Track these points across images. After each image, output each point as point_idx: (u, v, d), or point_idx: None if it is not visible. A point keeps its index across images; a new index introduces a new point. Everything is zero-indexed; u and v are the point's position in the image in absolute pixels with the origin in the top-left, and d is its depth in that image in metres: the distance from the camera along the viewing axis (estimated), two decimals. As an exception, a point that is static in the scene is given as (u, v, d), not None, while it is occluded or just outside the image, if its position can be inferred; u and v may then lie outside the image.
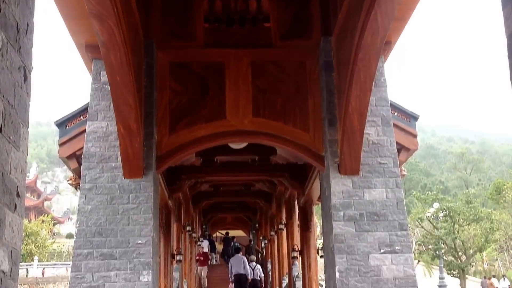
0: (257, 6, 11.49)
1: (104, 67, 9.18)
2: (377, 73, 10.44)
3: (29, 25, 3.75)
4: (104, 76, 10.33)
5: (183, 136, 10.88)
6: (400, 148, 11.80)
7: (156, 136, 10.73)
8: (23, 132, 3.37)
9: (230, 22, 11.35)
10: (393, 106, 11.78)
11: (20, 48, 3.51)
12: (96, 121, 10.58)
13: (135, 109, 9.55)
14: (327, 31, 11.06)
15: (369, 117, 10.35)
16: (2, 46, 3.22)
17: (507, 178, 42.48)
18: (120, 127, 9.65)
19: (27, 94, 3.50)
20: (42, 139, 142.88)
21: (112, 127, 10.33)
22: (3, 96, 3.13)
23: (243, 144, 13.97)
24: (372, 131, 10.65)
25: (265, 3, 11.47)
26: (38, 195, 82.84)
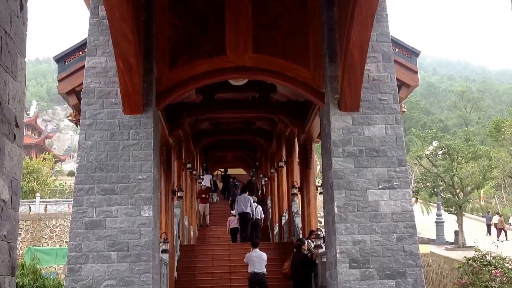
0: None
1: (102, 1, 9.02)
2: (379, 8, 10.27)
3: (23, -47, 3.65)
4: (103, 11, 10.17)
5: (183, 72, 10.81)
6: (401, 85, 11.73)
7: (156, 72, 10.66)
8: (21, 62, 3.33)
9: (230, -45, 11.08)
10: (394, 42, 11.64)
11: (14, -24, 3.42)
12: (95, 57, 10.48)
13: (134, 45, 9.44)
14: (329, -35, 10.81)
15: (370, 53, 10.25)
16: (-4, -26, 3.15)
17: (507, 117, 42.52)
18: (120, 63, 9.57)
19: (24, 24, 3.44)
20: (42, 77, 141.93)
21: (112, 63, 10.24)
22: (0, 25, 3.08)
23: (243, 81, 13.89)
24: (373, 67, 10.57)
25: None
26: (39, 133, 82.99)
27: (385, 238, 9.92)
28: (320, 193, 14.35)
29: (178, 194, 18.52)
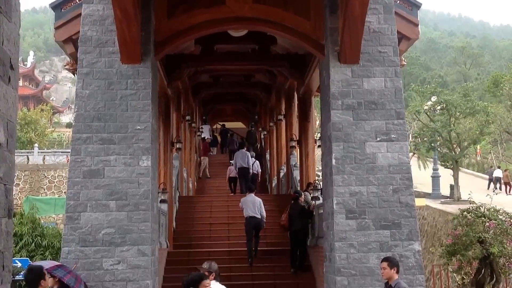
0: None
1: None
2: (381, -42, 10.08)
3: None
4: (99, -44, 9.97)
5: (182, 22, 10.67)
6: (401, 37, 11.61)
7: (154, 21, 10.52)
8: (15, 3, 3.27)
9: None
10: (396, -7, 11.46)
11: None
12: (92, 4, 10.32)
13: (132, -8, 9.28)
14: None
15: (371, 4, 10.10)
16: None
17: (506, 72, 42.21)
18: (117, 10, 9.42)
19: (17, -37, 3.36)
20: (39, 27, 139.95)
21: (109, 11, 10.09)
22: (-8, -36, 3.01)
23: (243, 32, 13.73)
24: (373, 19, 10.44)
25: None
26: (37, 84, 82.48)
27: (382, 190, 9.99)
28: (319, 146, 14.40)
29: (177, 146, 18.57)
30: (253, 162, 21.75)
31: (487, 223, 10.13)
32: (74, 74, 11.56)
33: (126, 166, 10.01)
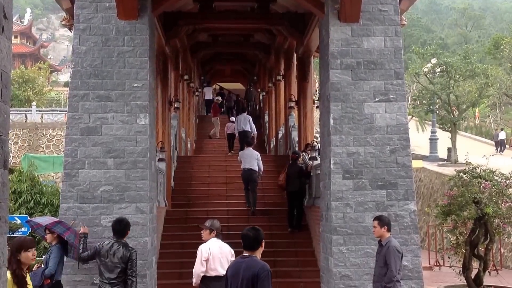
0: None
1: None
2: None
3: None
4: None
5: (179, -23, 10.50)
6: (402, -4, 11.44)
7: (151, -24, 10.35)
8: (7, -49, 3.20)
9: None
10: (398, -50, 11.25)
11: None
12: (88, -42, 10.14)
13: None
14: None
15: (372, -39, 9.94)
16: None
17: (507, 35, 41.81)
18: (113, -35, 9.26)
19: None
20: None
21: (105, -35, 9.91)
22: None
23: (242, -11, 13.54)
24: (375, -23, 10.28)
25: None
26: (34, 42, 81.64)
27: (379, 150, 10.00)
28: (317, 107, 14.36)
29: (175, 105, 18.52)
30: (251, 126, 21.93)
31: (483, 184, 10.19)
32: (71, 30, 11.42)
33: (124, 124, 9.99)
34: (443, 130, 33.71)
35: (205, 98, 31.63)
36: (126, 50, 10.05)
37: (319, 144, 12.66)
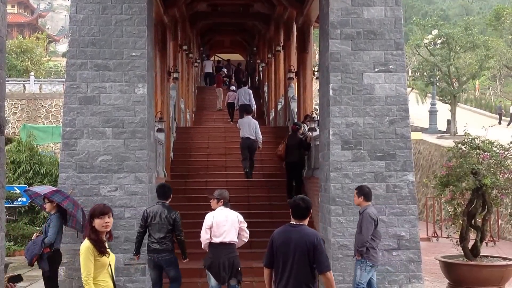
0: None
1: None
2: None
3: None
4: None
5: None
6: (404, -35, 11.31)
7: None
8: None
9: None
10: None
11: None
12: None
13: None
14: None
15: None
16: None
17: (509, 6, 41.40)
18: None
19: None
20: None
21: None
22: None
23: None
24: None
25: None
26: (31, 12, 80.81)
27: (378, 121, 9.98)
28: (317, 78, 14.28)
29: (174, 76, 18.42)
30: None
31: (482, 155, 10.18)
32: (68, -1, 11.30)
33: (122, 94, 9.94)
34: (443, 102, 33.64)
35: (205, 71, 31.96)
36: (124, 19, 9.95)
37: (319, 115, 12.63)
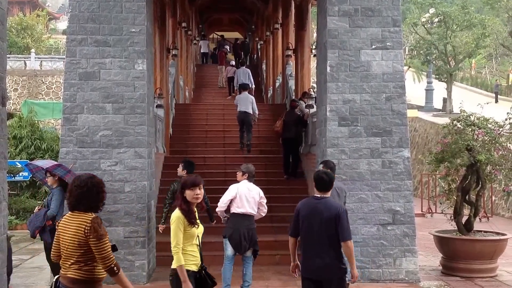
0: None
1: None
2: None
3: None
4: None
5: None
6: None
7: None
8: None
9: None
10: None
11: None
12: None
13: None
14: None
15: None
16: None
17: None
18: None
19: None
20: None
21: None
22: None
23: None
24: None
25: None
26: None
27: (375, 98, 10.11)
28: (314, 56, 14.36)
29: (173, 52, 18.49)
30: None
31: (476, 132, 10.33)
32: (68, -25, 11.33)
33: (122, 69, 10.04)
34: (439, 81, 33.72)
35: (201, 51, 32.93)
36: (123, -6, 10.00)
37: (316, 92, 12.74)
